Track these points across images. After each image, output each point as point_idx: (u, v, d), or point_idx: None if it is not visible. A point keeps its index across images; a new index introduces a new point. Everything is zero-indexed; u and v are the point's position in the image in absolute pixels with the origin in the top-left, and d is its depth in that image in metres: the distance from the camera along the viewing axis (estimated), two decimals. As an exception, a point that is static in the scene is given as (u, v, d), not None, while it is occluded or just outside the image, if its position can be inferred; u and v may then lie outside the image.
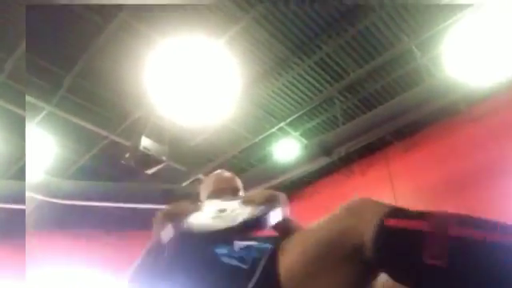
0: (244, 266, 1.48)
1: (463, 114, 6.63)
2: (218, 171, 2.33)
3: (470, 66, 4.81)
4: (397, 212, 1.21)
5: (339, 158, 6.89)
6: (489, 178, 5.94)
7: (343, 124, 6.36)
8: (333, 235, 1.27)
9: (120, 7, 4.94)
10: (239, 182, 2.27)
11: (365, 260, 1.19)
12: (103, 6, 4.94)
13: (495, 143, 6.08)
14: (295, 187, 8.56)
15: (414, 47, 5.62)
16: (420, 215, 1.17)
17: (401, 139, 7.40)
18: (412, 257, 1.10)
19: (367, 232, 1.17)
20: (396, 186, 7.21)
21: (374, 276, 1.32)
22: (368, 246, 1.16)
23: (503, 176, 5.81)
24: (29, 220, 7.73)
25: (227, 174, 2.30)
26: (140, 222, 7.28)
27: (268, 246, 1.56)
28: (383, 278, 1.33)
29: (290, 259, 1.32)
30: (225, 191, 2.11)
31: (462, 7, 5.03)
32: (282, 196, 1.86)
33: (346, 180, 8.02)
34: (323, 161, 6.40)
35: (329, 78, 6.25)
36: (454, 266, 1.03)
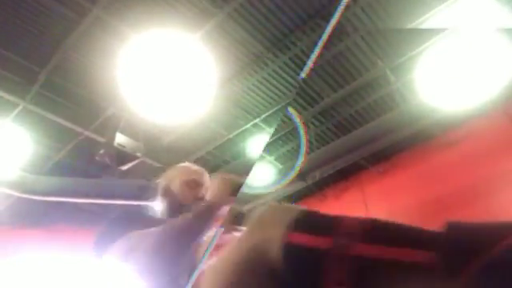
0: None
1: (438, 139, 6.69)
2: (187, 163, 2.32)
3: (445, 91, 4.86)
4: (302, 221, 1.06)
5: (313, 183, 6.93)
6: (463, 203, 5.99)
7: (317, 148, 6.43)
8: (244, 257, 1.11)
9: (93, 2, 4.93)
10: (207, 177, 2.21)
11: (282, 282, 1.04)
12: (75, 1, 4.93)
13: (470, 168, 6.12)
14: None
15: (388, 72, 5.68)
16: (328, 226, 1.02)
17: (375, 164, 7.48)
18: (315, 281, 0.95)
19: (275, 250, 1.02)
20: (370, 210, 7.26)
21: None
22: (279, 266, 1.01)
23: (477, 200, 5.85)
24: (3, 216, 7.69)
25: (195, 167, 2.26)
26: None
27: None
28: None
29: None
30: (197, 184, 2.09)
31: (436, 32, 5.08)
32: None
33: (320, 204, 8.05)
34: (298, 185, 6.45)
35: (305, 104, 6.32)
36: None
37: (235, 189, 1.79)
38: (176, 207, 1.98)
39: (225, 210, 1.76)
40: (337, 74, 5.87)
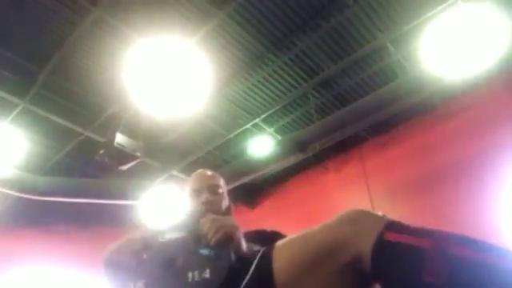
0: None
1: (438, 110, 6.68)
2: (200, 170, 2.34)
3: (445, 61, 4.83)
4: (396, 225, 1.21)
5: (313, 155, 6.91)
6: (465, 174, 5.99)
7: (317, 120, 6.37)
8: (327, 244, 1.25)
9: (93, 2, 4.93)
10: (219, 180, 2.25)
11: (360, 271, 1.19)
12: (76, 2, 4.93)
13: (470, 139, 6.13)
14: (269, 183, 8.61)
15: (388, 43, 5.66)
16: (420, 231, 1.18)
17: (375, 135, 7.45)
18: (411, 273, 1.10)
19: (365, 243, 1.17)
20: (370, 183, 7.25)
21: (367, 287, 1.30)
22: (365, 257, 1.16)
23: (479, 171, 5.86)
24: (3, 216, 7.69)
25: (207, 172, 2.29)
26: (114, 218, 7.29)
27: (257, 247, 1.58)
28: None
29: (284, 263, 1.30)
30: (202, 190, 2.12)
31: (436, 3, 5.08)
32: (238, 231, 1.57)
33: (320, 176, 8.05)
34: (297, 157, 6.42)
35: (303, 75, 6.27)
36: (451, 285, 1.04)
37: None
38: (189, 213, 2.11)
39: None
40: (337, 46, 5.83)
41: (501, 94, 6.09)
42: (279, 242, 1.43)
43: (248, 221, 7.40)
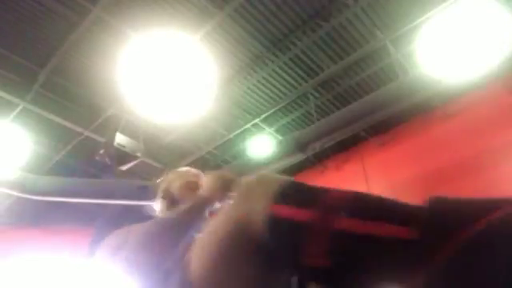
0: None
1: (438, 110, 6.68)
2: (186, 167, 2.31)
3: (445, 62, 4.83)
4: (284, 194, 1.03)
5: (313, 154, 6.92)
6: (465, 174, 5.99)
7: (318, 120, 6.37)
8: (231, 229, 1.10)
9: (93, 2, 4.93)
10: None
11: (266, 254, 1.04)
12: (76, 1, 4.94)
13: (471, 139, 6.12)
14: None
15: (388, 43, 5.66)
16: (311, 199, 0.99)
17: (375, 135, 7.45)
18: (295, 254, 0.94)
19: (257, 222, 1.01)
20: (370, 182, 7.25)
21: (279, 272, 1.18)
22: (262, 239, 1.00)
23: (477, 172, 5.86)
24: (3, 216, 7.69)
25: (196, 170, 2.26)
26: (114, 218, 7.28)
27: None
28: None
29: (196, 263, 1.16)
30: (196, 186, 2.07)
31: (436, 2, 5.09)
32: None
33: (320, 176, 8.04)
34: (297, 157, 6.42)
35: (303, 75, 6.27)
36: (337, 268, 0.88)
37: (228, 185, 1.78)
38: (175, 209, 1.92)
39: (216, 205, 1.78)
40: (337, 46, 5.84)
41: (501, 93, 6.08)
42: (195, 243, 1.26)
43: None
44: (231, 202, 1.20)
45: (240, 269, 1.09)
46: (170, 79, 4.73)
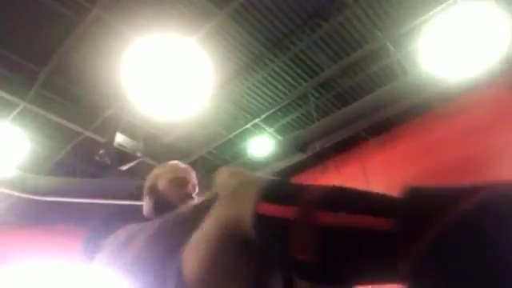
0: None
1: (437, 110, 6.67)
2: (173, 161, 2.19)
3: (445, 62, 4.83)
4: (269, 192, 1.06)
5: (313, 154, 6.93)
6: (465, 174, 5.97)
7: (317, 120, 6.38)
8: (220, 230, 1.12)
9: (93, 2, 4.93)
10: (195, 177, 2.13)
11: (255, 252, 1.08)
12: (76, 1, 4.93)
13: (471, 139, 6.11)
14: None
15: (388, 43, 5.66)
16: (290, 196, 1.02)
17: (375, 135, 7.44)
18: (281, 250, 0.97)
19: (247, 221, 1.03)
20: (370, 182, 7.24)
21: (271, 270, 1.20)
22: (250, 237, 1.04)
23: (477, 172, 5.85)
24: (3, 216, 7.69)
25: (184, 165, 2.17)
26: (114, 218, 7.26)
27: None
28: None
29: (189, 266, 1.18)
30: (185, 181, 2.00)
31: (436, 2, 5.09)
32: None
33: (320, 176, 8.03)
34: (297, 157, 6.43)
35: (303, 75, 6.27)
36: (323, 261, 0.89)
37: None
38: (163, 206, 1.90)
39: None
40: (337, 46, 5.83)
41: (501, 93, 6.08)
42: (187, 246, 1.27)
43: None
44: (219, 203, 1.21)
45: (233, 268, 1.10)
46: (170, 79, 4.72)
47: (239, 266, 1.11)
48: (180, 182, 1.99)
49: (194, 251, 1.19)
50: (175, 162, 2.16)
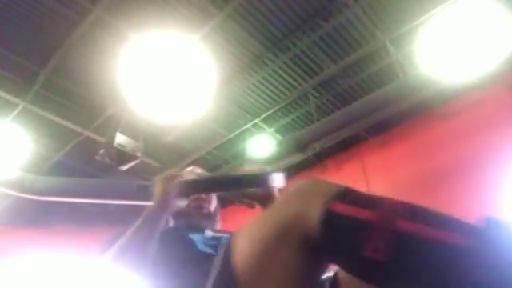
0: (215, 255, 1.51)
1: (438, 110, 6.68)
2: (192, 168, 2.26)
3: (445, 62, 4.84)
4: (346, 195, 1.14)
5: (314, 154, 6.94)
6: (465, 174, 5.99)
7: (318, 120, 6.37)
8: (279, 223, 1.19)
9: (93, 2, 4.93)
10: None
11: (313, 248, 1.13)
12: (76, 1, 4.94)
13: (471, 139, 6.11)
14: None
15: (388, 43, 5.66)
16: (370, 202, 1.11)
17: (375, 135, 7.45)
18: (353, 248, 1.04)
19: (313, 216, 1.10)
20: (370, 182, 7.25)
21: (325, 264, 1.27)
22: (314, 232, 1.10)
23: (478, 172, 5.86)
24: (3, 216, 7.69)
25: (199, 171, 2.23)
26: (114, 219, 7.29)
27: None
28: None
29: (240, 250, 1.26)
30: None
31: (436, 2, 5.09)
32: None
33: (320, 176, 8.03)
34: (297, 157, 6.43)
35: (303, 75, 6.27)
36: (394, 262, 0.99)
37: (184, 184, 1.80)
38: (179, 215, 2.02)
39: (173, 207, 1.80)
40: (337, 46, 5.82)
41: (501, 93, 6.08)
42: (237, 231, 1.36)
43: (248, 221, 7.39)
44: (281, 197, 1.31)
45: (286, 259, 1.16)
46: (170, 79, 4.73)
47: (293, 257, 1.16)
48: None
49: (249, 237, 1.27)
50: (192, 168, 2.24)
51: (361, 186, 7.16)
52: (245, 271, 1.21)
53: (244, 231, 1.32)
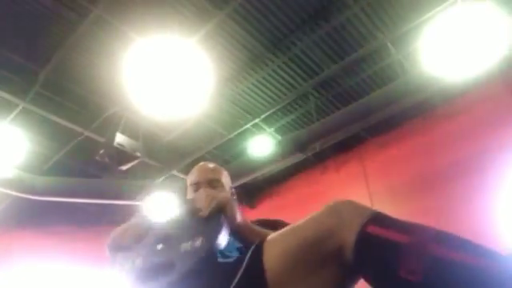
0: (228, 261, 1.53)
1: (438, 110, 6.68)
2: (201, 163, 2.28)
3: (445, 62, 4.83)
4: (379, 218, 1.22)
5: (313, 155, 6.94)
6: (465, 174, 5.98)
7: (317, 120, 6.37)
8: (314, 235, 1.27)
9: (93, 2, 4.93)
10: (219, 174, 2.20)
11: (344, 263, 1.20)
12: (76, 2, 4.93)
13: (471, 139, 6.12)
14: (269, 183, 8.62)
15: (388, 43, 5.65)
16: (402, 226, 1.19)
17: (375, 135, 7.45)
18: (388, 268, 1.11)
19: (348, 235, 1.18)
20: (370, 183, 7.25)
21: (354, 280, 1.33)
22: (348, 249, 1.18)
23: (478, 172, 5.86)
24: (3, 216, 7.69)
25: (207, 166, 2.25)
26: (114, 218, 7.28)
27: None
28: None
29: (276, 259, 1.31)
30: (201, 184, 2.09)
31: (436, 3, 5.08)
32: (230, 202, 1.56)
33: (320, 176, 8.05)
34: (297, 157, 6.43)
35: (303, 75, 6.27)
36: (428, 283, 1.05)
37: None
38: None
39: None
40: (337, 46, 5.82)
41: (501, 94, 6.08)
42: (270, 237, 1.43)
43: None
44: (320, 212, 1.33)
45: (317, 271, 1.24)
46: (170, 79, 4.72)
47: (325, 270, 1.24)
48: (194, 188, 2.12)
49: (282, 247, 1.33)
50: (201, 164, 2.27)
51: (361, 186, 7.20)
52: (276, 275, 1.28)
53: (278, 238, 1.39)
